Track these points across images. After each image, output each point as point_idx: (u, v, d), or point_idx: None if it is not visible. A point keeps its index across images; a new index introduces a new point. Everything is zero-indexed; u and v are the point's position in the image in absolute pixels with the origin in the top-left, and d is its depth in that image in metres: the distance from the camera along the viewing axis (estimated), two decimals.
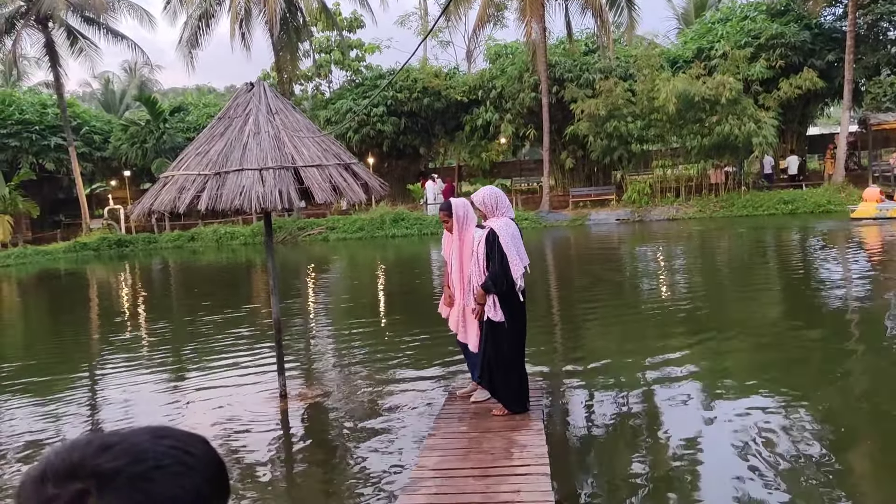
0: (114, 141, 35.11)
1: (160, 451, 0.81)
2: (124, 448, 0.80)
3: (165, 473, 0.79)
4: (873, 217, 20.59)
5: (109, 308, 16.07)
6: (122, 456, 0.79)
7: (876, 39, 28.14)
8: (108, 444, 0.80)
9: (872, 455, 5.44)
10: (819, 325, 9.56)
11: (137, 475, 0.78)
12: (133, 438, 0.82)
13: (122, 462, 0.78)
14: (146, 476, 0.78)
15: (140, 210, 6.55)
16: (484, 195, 5.64)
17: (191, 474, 0.82)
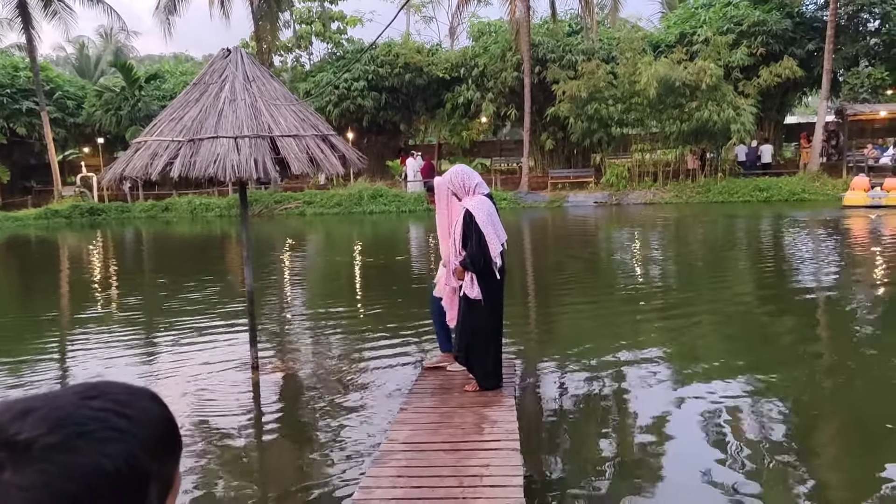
0: (87, 107, 34.43)
1: (85, 414, 0.72)
2: (43, 414, 0.70)
3: (89, 441, 0.70)
4: (866, 205, 20.95)
5: (79, 277, 15.84)
6: (39, 424, 0.69)
7: (856, 30, 28.34)
8: (28, 410, 0.71)
9: (836, 436, 5.56)
10: (800, 311, 9.69)
11: (54, 445, 0.68)
12: (57, 402, 0.73)
13: (39, 431, 0.69)
14: (66, 446, 0.69)
15: (111, 175, 6.41)
16: (450, 176, 5.57)
17: (123, 439, 0.73)
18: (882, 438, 5.27)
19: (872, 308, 9.66)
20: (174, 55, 55.44)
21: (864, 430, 5.50)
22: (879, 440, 5.25)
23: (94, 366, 7.74)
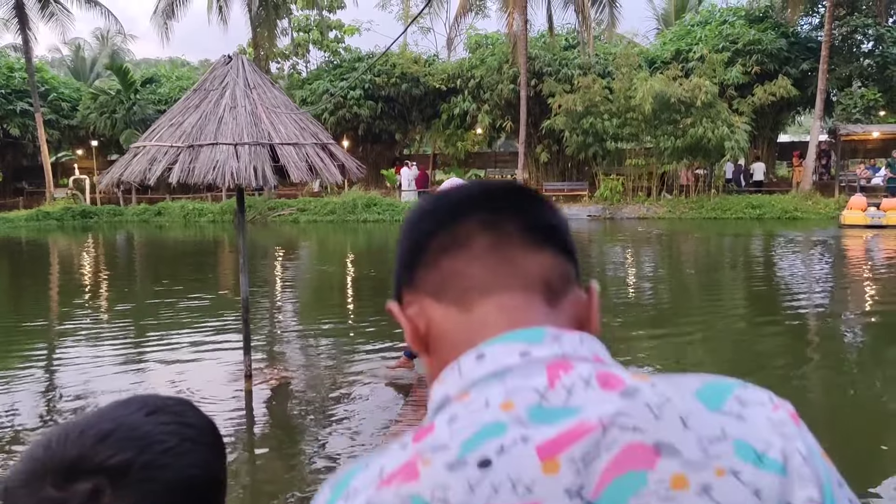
0: (82, 109, 34.30)
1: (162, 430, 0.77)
2: (124, 436, 0.75)
3: (174, 455, 0.76)
4: (866, 225, 21.09)
5: (70, 281, 15.74)
6: (126, 446, 0.74)
7: (849, 51, 28.59)
8: (105, 434, 0.75)
9: (827, 454, 5.55)
10: (795, 330, 9.72)
11: (150, 464, 0.74)
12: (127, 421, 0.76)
13: (130, 453, 0.74)
14: (157, 463, 0.75)
15: (109, 179, 6.38)
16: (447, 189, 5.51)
17: (197, 449, 0.79)
18: (873, 458, 5.28)
19: (876, 328, 9.69)
20: (170, 59, 55.43)
21: (854, 449, 5.51)
22: (870, 459, 5.25)
23: (82, 371, 7.67)
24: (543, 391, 0.63)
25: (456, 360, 0.69)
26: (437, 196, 0.79)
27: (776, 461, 0.61)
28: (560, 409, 0.61)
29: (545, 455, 0.59)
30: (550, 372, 0.64)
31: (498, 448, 0.59)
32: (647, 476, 0.58)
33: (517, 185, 0.79)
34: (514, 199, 0.76)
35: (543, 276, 0.72)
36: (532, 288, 0.71)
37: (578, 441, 0.59)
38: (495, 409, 0.62)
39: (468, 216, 0.74)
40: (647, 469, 0.58)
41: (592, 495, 0.57)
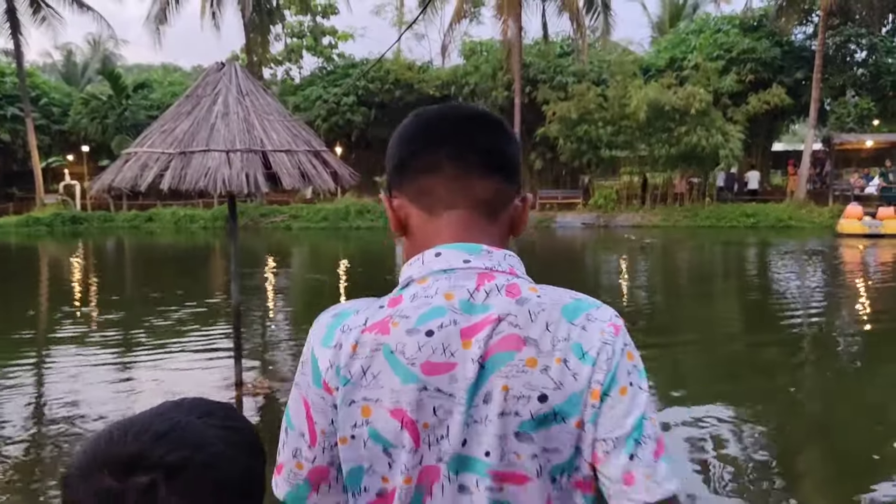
0: (73, 115, 34.10)
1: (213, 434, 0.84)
2: (178, 437, 0.81)
3: (225, 458, 0.83)
4: (863, 234, 21.10)
5: (60, 288, 15.55)
6: (182, 445, 0.80)
7: (843, 61, 28.70)
8: (162, 433, 0.81)
9: (818, 463, 5.55)
10: (790, 339, 9.64)
11: (204, 464, 0.80)
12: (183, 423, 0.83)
13: (187, 452, 0.80)
14: (211, 463, 0.81)
15: (100, 185, 6.26)
16: None
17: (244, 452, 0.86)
18: (865, 467, 5.20)
19: (871, 337, 9.63)
20: (163, 65, 55.23)
21: (846, 458, 5.45)
22: (861, 468, 5.18)
23: (72, 380, 7.51)
24: (472, 291, 0.96)
25: (421, 252, 1.01)
26: (421, 122, 1.07)
27: (592, 357, 0.94)
28: (479, 305, 0.95)
29: (465, 336, 0.93)
30: (479, 278, 0.97)
31: (439, 325, 0.94)
32: (514, 355, 0.92)
33: (482, 118, 1.07)
34: (478, 131, 1.05)
35: (489, 198, 1.03)
36: (479, 207, 1.03)
37: (484, 329, 0.93)
38: (441, 297, 0.96)
39: (441, 146, 1.02)
40: (516, 351, 0.93)
41: (482, 360, 0.92)
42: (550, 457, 0.92)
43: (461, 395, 0.92)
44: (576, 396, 0.92)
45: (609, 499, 0.93)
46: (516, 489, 0.93)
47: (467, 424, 0.92)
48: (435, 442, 0.93)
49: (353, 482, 0.97)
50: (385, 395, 0.94)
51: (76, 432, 5.95)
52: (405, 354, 0.94)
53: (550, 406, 0.92)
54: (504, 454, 0.92)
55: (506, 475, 0.92)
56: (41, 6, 31.19)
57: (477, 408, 0.92)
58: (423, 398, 0.93)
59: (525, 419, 0.92)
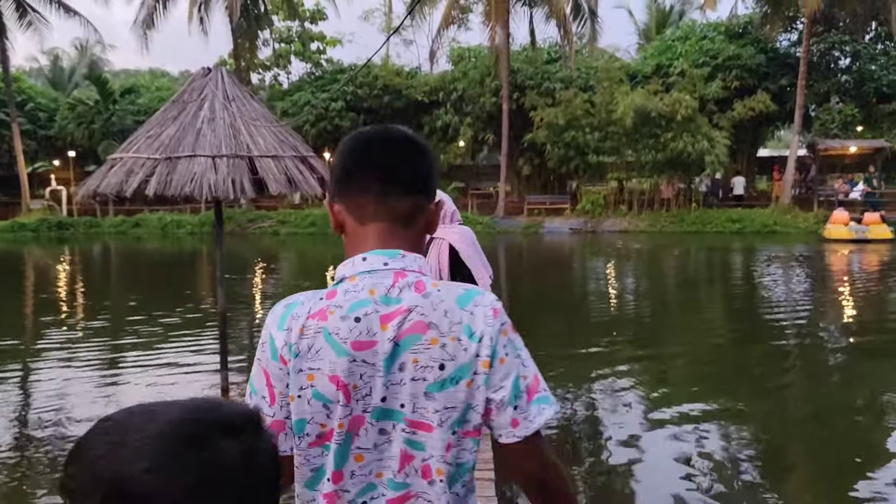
0: (60, 120, 33.88)
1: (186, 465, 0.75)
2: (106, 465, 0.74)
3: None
4: (850, 239, 21.24)
5: (44, 294, 15.44)
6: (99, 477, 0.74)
7: (827, 67, 28.98)
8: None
9: (802, 464, 5.63)
10: (769, 339, 9.71)
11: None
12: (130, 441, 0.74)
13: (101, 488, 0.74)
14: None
15: (85, 191, 6.23)
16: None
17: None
18: (847, 469, 5.26)
19: (854, 341, 9.72)
20: (150, 70, 54.99)
21: (829, 459, 5.53)
22: (844, 470, 5.24)
23: (55, 387, 7.46)
24: (389, 287, 1.24)
25: (353, 256, 1.30)
26: (357, 147, 1.34)
27: (478, 336, 1.22)
28: (394, 298, 1.23)
29: (383, 321, 1.22)
30: (394, 277, 1.25)
31: (364, 313, 1.22)
32: (420, 336, 1.21)
33: (405, 144, 1.33)
34: (401, 159, 1.31)
35: (406, 212, 1.30)
36: (398, 220, 1.30)
37: (398, 317, 1.21)
38: (366, 292, 1.24)
39: (371, 171, 1.30)
40: (422, 333, 1.21)
41: (396, 340, 1.21)
42: (450, 413, 1.22)
43: (380, 365, 1.22)
44: (466, 365, 1.22)
45: (499, 438, 1.26)
46: (425, 434, 1.24)
47: (386, 386, 1.22)
48: (361, 398, 1.23)
49: (299, 428, 1.26)
50: (325, 365, 1.23)
51: (61, 438, 5.92)
52: (339, 335, 1.23)
53: (448, 373, 1.22)
54: (415, 408, 1.23)
55: (417, 423, 1.23)
56: (27, 10, 31.01)
57: (393, 374, 1.23)
58: (353, 367, 1.22)
59: (430, 383, 1.22)
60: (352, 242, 1.33)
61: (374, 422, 1.24)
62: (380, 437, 1.25)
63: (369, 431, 1.24)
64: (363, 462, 1.26)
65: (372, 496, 1.26)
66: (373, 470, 1.26)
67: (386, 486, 1.26)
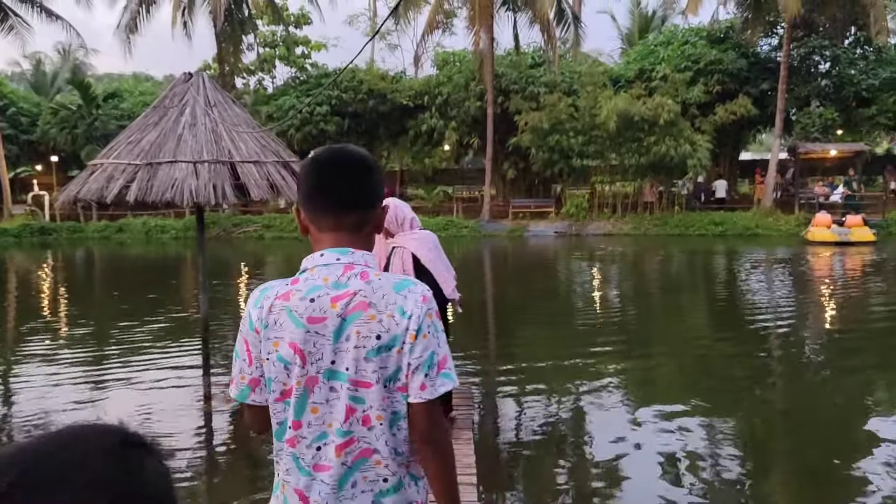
0: (42, 124, 33.64)
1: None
2: None
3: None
4: (834, 242, 21.35)
5: (26, 300, 15.34)
6: None
7: (808, 72, 29.31)
8: None
9: (783, 464, 5.67)
10: (752, 342, 9.83)
11: None
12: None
13: None
14: None
15: (65, 197, 6.25)
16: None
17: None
18: (827, 470, 5.36)
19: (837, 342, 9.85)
20: (134, 74, 54.71)
21: (810, 459, 5.62)
22: (825, 470, 5.34)
23: (38, 394, 7.44)
24: (339, 276, 1.58)
25: (313, 253, 1.66)
26: (314, 170, 1.69)
27: (408, 314, 1.55)
28: (343, 284, 1.57)
29: (333, 302, 1.56)
30: (344, 269, 1.60)
31: (318, 295, 1.56)
32: (362, 313, 1.54)
33: (354, 165, 1.68)
34: (350, 181, 1.66)
35: (355, 222, 1.65)
36: (348, 228, 1.65)
37: (345, 298, 1.55)
38: (320, 280, 1.59)
39: (325, 193, 1.66)
40: (363, 311, 1.54)
41: (343, 316, 1.54)
42: (384, 372, 1.57)
43: (330, 335, 1.58)
44: (398, 336, 1.57)
45: (409, 398, 1.59)
46: (365, 390, 1.58)
47: (335, 352, 1.57)
48: (315, 362, 1.58)
49: (269, 385, 1.63)
50: (286, 335, 1.59)
51: None
52: (297, 312, 1.58)
53: (383, 342, 1.56)
54: (357, 370, 1.57)
55: (358, 382, 1.58)
56: (8, 15, 30.77)
57: (341, 343, 1.57)
58: (308, 337, 1.58)
59: (369, 349, 1.56)
60: (314, 242, 1.69)
61: (325, 381, 1.58)
62: (330, 394, 1.59)
63: (322, 389, 1.59)
64: (318, 414, 1.60)
65: (324, 442, 1.60)
66: (325, 420, 1.60)
67: (335, 434, 1.59)
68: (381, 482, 1.61)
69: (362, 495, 1.60)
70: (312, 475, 1.61)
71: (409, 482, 1.65)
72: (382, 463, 1.60)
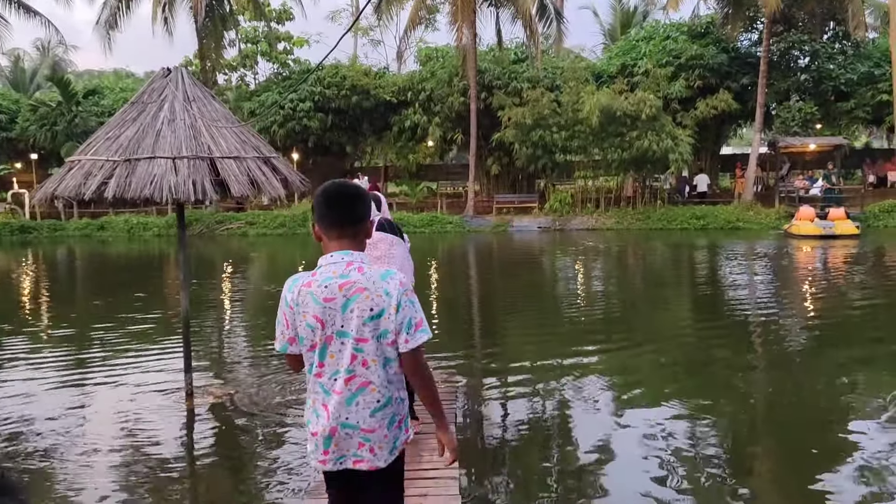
0: (21, 122, 33.29)
1: None
2: None
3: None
4: (818, 235, 21.39)
5: (6, 299, 15.20)
6: None
7: (787, 66, 29.56)
8: None
9: (766, 455, 5.74)
10: (737, 337, 9.93)
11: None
12: None
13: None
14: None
15: (42, 195, 6.20)
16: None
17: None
18: (808, 458, 5.43)
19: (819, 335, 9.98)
20: (114, 70, 54.19)
21: (791, 451, 5.67)
22: (806, 460, 5.41)
23: (19, 393, 7.40)
24: (343, 269, 2.49)
25: (324, 254, 2.56)
26: (324, 200, 2.57)
27: (391, 294, 2.46)
28: (346, 275, 2.48)
29: (340, 287, 2.48)
30: (346, 265, 2.50)
31: (329, 283, 2.49)
32: (360, 294, 2.46)
33: (351, 197, 2.60)
34: (350, 207, 2.58)
35: (352, 233, 2.55)
36: (348, 236, 2.54)
37: (347, 284, 2.46)
38: (330, 273, 2.51)
39: (332, 218, 2.55)
40: (361, 293, 2.46)
41: (347, 297, 2.46)
42: (376, 332, 2.45)
43: (339, 309, 2.45)
44: (385, 309, 2.44)
45: (400, 349, 2.48)
46: (363, 344, 2.46)
47: (343, 320, 2.45)
48: (330, 326, 2.47)
49: (301, 341, 2.55)
50: (310, 310, 2.47)
51: (25, 448, 5.90)
52: (317, 294, 2.46)
53: (375, 313, 2.43)
54: (358, 331, 2.45)
55: (359, 339, 2.46)
56: None
57: (347, 314, 2.45)
58: (324, 310, 2.46)
59: (366, 317, 2.43)
60: (325, 247, 2.58)
61: (337, 338, 2.49)
62: (341, 346, 2.50)
63: (335, 343, 2.50)
64: (333, 359, 2.52)
65: (338, 376, 2.52)
66: (338, 362, 2.51)
67: (343, 371, 2.51)
68: (374, 402, 2.53)
69: (363, 410, 2.52)
70: (331, 395, 2.53)
71: (394, 401, 2.57)
72: (376, 390, 2.52)
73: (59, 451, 5.71)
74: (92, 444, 5.84)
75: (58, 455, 5.62)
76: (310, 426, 2.58)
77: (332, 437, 2.52)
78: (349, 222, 2.53)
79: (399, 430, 2.58)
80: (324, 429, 2.52)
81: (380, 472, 2.55)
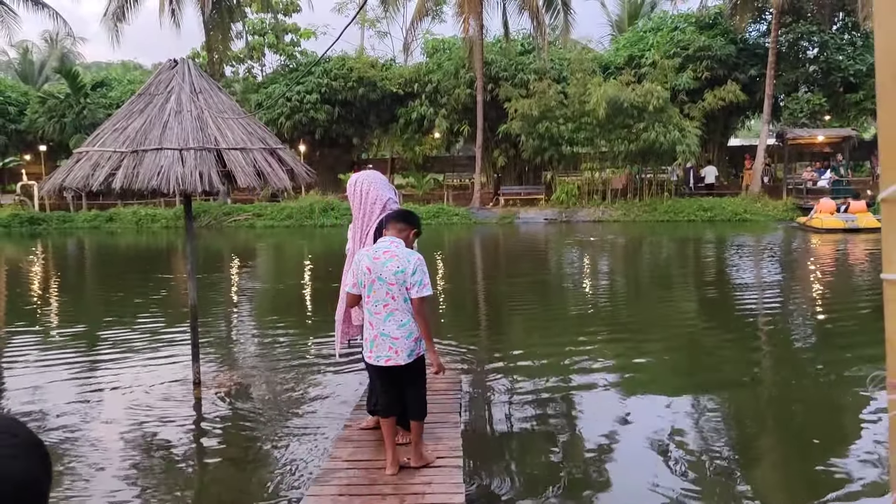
0: (30, 114, 33.47)
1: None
2: None
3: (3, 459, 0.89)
4: (842, 229, 20.61)
5: (16, 289, 15.33)
6: None
7: (795, 57, 29.40)
8: None
9: (773, 448, 5.73)
10: (745, 328, 9.94)
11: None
12: None
13: None
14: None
15: (51, 186, 6.26)
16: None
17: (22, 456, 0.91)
18: (814, 450, 5.45)
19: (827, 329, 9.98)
20: (122, 62, 54.35)
21: (798, 442, 5.69)
22: (812, 452, 5.43)
23: (31, 383, 7.49)
24: (389, 245, 4.37)
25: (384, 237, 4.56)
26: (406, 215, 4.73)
27: (410, 262, 4.29)
28: (388, 248, 4.36)
29: (383, 253, 4.33)
30: (391, 244, 4.38)
31: (377, 251, 4.37)
32: (393, 259, 4.31)
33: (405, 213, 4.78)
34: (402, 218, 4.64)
35: (399, 231, 4.50)
36: (393, 232, 4.48)
37: (388, 253, 4.32)
38: (381, 249, 4.37)
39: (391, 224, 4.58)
40: (394, 258, 4.31)
41: (386, 259, 4.30)
42: (400, 281, 4.26)
43: (381, 265, 4.27)
44: (406, 270, 4.25)
45: (411, 295, 4.27)
46: (391, 287, 4.27)
47: (381, 272, 4.26)
48: (376, 274, 4.27)
49: (360, 284, 4.35)
50: (363, 265, 4.32)
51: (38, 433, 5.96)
52: (369, 256, 4.33)
53: (399, 270, 4.25)
54: (389, 279, 4.25)
55: (390, 283, 4.26)
56: None
57: (384, 269, 4.26)
58: (373, 265, 4.28)
59: (394, 272, 4.25)
60: (385, 233, 4.44)
61: (378, 282, 4.23)
62: (379, 287, 4.24)
63: (376, 284, 4.24)
64: (375, 294, 4.26)
65: (378, 305, 4.27)
66: (377, 296, 4.26)
67: (381, 302, 4.26)
68: (399, 321, 4.25)
69: (392, 325, 4.24)
70: (374, 316, 4.27)
71: (411, 323, 4.27)
72: (399, 313, 4.25)
73: (69, 436, 5.79)
74: (100, 434, 5.92)
75: (68, 441, 5.70)
76: (365, 333, 4.40)
77: (374, 341, 4.27)
78: (401, 226, 4.44)
79: (415, 343, 4.27)
80: (371, 336, 4.28)
81: (405, 368, 4.26)
